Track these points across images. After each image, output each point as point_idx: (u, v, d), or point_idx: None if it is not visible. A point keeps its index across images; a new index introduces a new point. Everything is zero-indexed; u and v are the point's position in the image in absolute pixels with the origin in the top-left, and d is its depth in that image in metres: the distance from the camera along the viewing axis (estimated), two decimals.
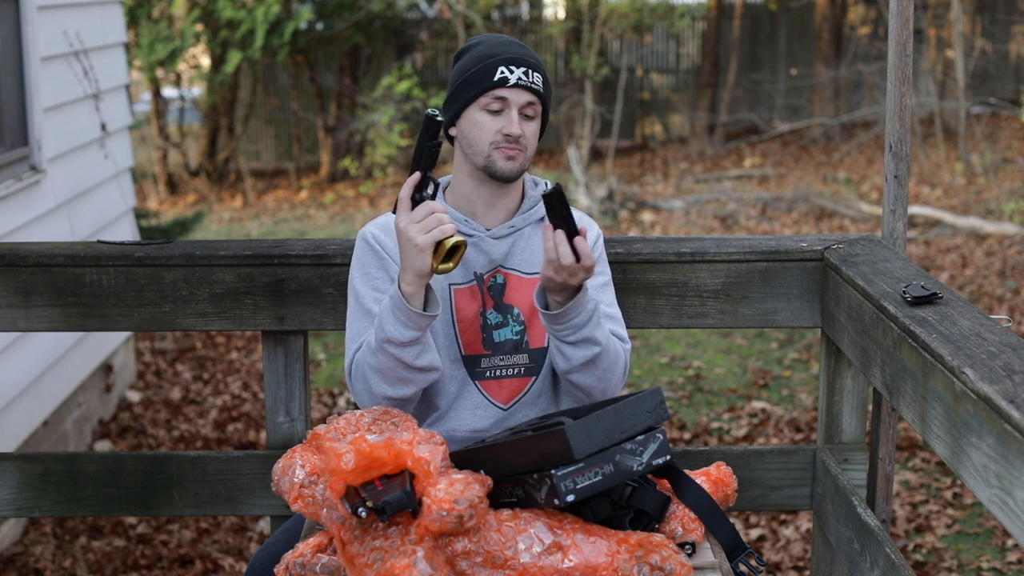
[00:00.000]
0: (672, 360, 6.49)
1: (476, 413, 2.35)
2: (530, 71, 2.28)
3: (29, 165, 4.66)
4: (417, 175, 2.15)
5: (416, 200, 2.15)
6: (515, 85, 2.27)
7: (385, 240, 2.35)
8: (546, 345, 2.37)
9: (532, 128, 2.31)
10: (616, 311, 2.42)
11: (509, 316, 2.35)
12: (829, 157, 13.07)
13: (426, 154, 2.14)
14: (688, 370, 6.30)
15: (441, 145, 2.17)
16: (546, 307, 2.22)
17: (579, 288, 2.20)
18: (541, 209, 2.40)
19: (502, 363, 2.35)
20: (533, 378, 2.37)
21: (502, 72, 2.27)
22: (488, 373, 2.35)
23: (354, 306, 2.35)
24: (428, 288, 2.19)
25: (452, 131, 2.36)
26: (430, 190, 2.16)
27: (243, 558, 4.22)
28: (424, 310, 2.18)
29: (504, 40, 2.35)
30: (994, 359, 1.90)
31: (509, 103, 2.28)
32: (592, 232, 2.43)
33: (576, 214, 2.47)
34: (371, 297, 2.32)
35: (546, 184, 2.14)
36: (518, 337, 2.35)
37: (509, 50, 2.31)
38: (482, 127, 2.29)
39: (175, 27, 12.37)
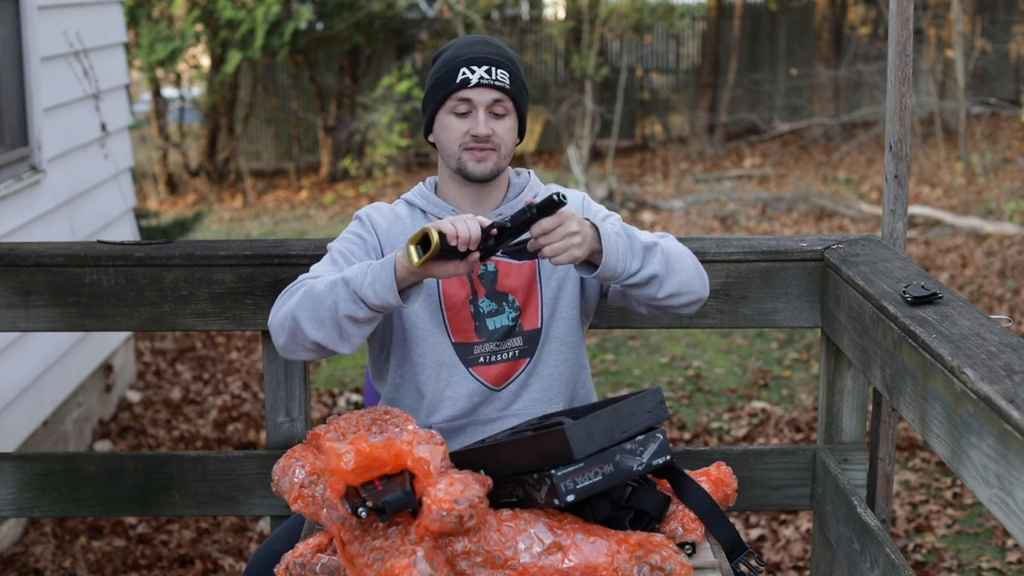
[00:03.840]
0: (672, 360, 6.49)
1: (472, 399, 2.37)
2: (494, 69, 2.28)
3: (29, 165, 4.66)
4: (495, 230, 2.06)
5: (482, 250, 2.08)
6: (478, 85, 2.27)
7: (378, 220, 2.38)
8: (540, 326, 2.37)
9: (504, 126, 2.30)
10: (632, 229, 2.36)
11: (504, 303, 2.35)
12: (829, 157, 13.06)
13: (522, 222, 2.06)
14: (688, 370, 6.30)
15: (538, 219, 2.07)
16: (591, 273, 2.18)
17: (592, 233, 2.14)
18: (526, 195, 2.39)
19: (496, 348, 2.36)
20: (528, 359, 2.38)
21: (464, 73, 2.27)
22: (482, 359, 2.36)
23: (324, 257, 2.35)
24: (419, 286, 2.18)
25: (431, 137, 2.38)
26: (491, 243, 2.09)
27: (243, 558, 4.22)
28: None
29: (471, 40, 2.35)
30: (994, 359, 1.89)
31: (474, 104, 2.28)
32: (575, 196, 2.43)
33: (559, 187, 2.46)
34: (339, 252, 2.32)
35: (559, 195, 2.08)
36: (513, 323, 2.36)
37: (473, 50, 2.30)
38: (451, 130, 2.30)
39: (175, 27, 12.38)
